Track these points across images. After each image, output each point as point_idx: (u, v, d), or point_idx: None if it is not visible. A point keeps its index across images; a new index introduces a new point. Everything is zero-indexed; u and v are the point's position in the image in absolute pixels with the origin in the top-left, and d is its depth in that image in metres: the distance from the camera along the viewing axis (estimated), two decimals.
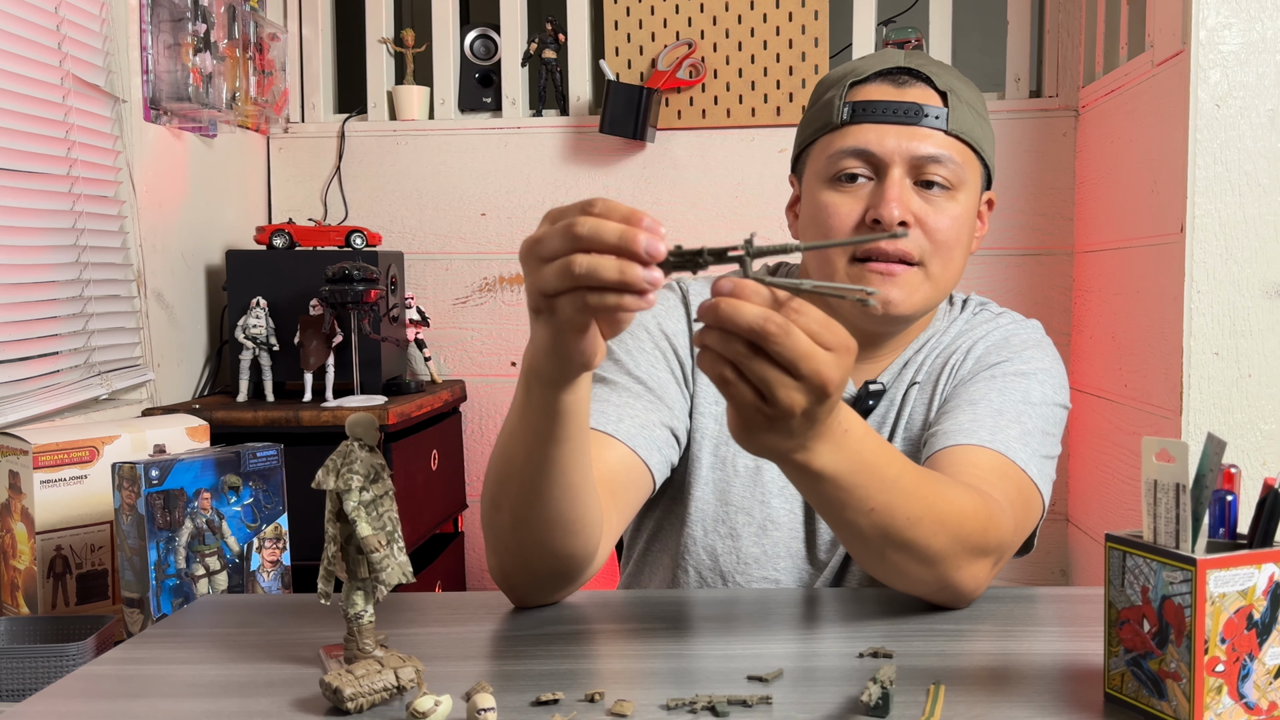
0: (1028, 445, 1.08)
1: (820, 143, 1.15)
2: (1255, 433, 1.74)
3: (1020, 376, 1.13)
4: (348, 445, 0.86)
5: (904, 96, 1.11)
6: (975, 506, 0.95)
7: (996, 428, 1.07)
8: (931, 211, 1.11)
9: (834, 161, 1.12)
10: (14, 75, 1.70)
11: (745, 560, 1.18)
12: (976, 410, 1.09)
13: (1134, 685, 0.78)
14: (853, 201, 1.11)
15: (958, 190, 1.12)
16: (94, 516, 1.34)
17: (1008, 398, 1.10)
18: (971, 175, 1.13)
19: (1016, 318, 1.22)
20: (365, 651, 0.88)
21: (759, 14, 2.48)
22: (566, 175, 2.57)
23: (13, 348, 1.70)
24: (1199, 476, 0.75)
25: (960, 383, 1.15)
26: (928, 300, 1.13)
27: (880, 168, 1.11)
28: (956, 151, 1.11)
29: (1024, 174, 2.45)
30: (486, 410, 2.62)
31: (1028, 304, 2.46)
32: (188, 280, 2.27)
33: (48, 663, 1.07)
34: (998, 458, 1.05)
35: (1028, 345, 1.17)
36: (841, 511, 0.88)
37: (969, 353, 1.17)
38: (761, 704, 0.81)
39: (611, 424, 1.09)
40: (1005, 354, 1.15)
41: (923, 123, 1.10)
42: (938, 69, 1.14)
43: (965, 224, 1.13)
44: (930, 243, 1.11)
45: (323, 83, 2.64)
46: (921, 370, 1.18)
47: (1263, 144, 1.71)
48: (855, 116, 1.11)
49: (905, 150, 1.10)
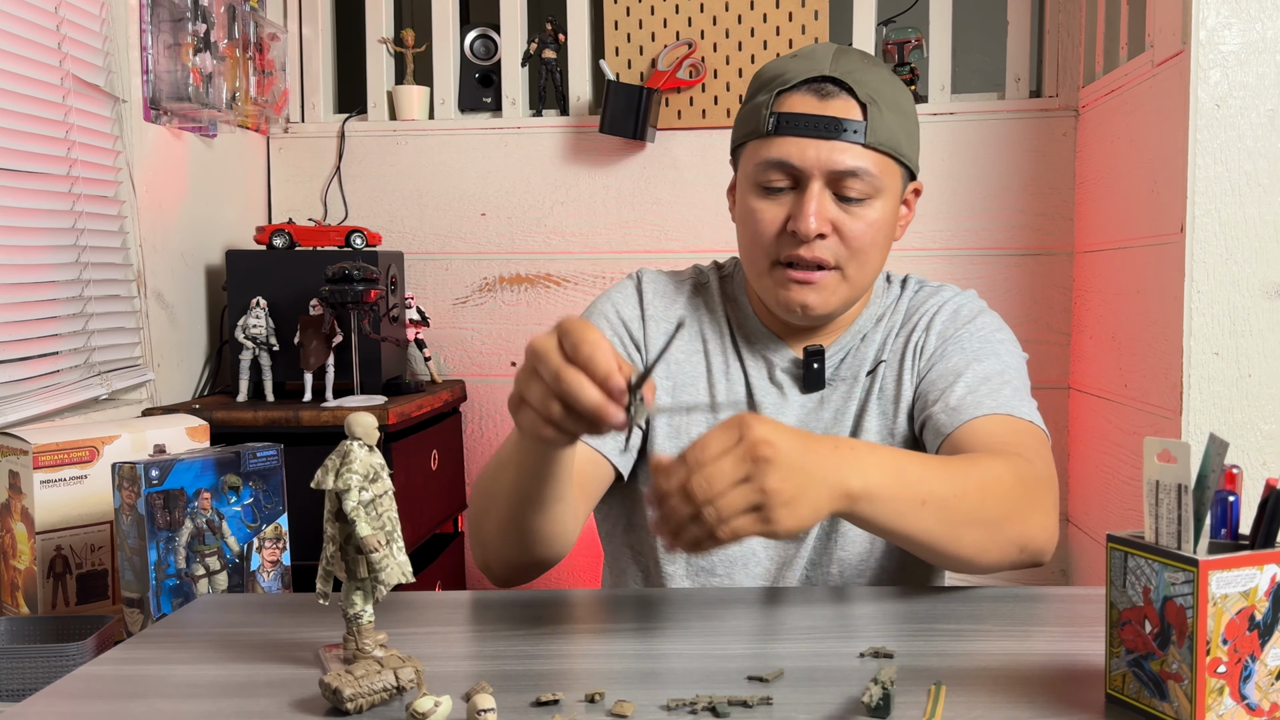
0: (1022, 400, 1.21)
1: (750, 146, 1.25)
2: (1255, 433, 1.73)
3: (985, 342, 1.26)
4: (347, 445, 0.86)
5: (826, 110, 1.20)
6: (1000, 462, 1.07)
7: (992, 393, 1.20)
8: (848, 220, 1.21)
9: (760, 171, 1.22)
10: (14, 75, 1.70)
11: None
12: (967, 382, 1.21)
13: (1135, 686, 0.78)
14: (776, 208, 1.22)
15: (874, 198, 1.22)
16: (94, 516, 1.34)
17: (987, 365, 1.23)
18: (890, 181, 1.23)
19: (955, 289, 1.34)
20: (365, 651, 0.88)
21: (759, 14, 2.48)
22: (566, 175, 2.57)
23: (13, 348, 1.70)
24: (1201, 477, 0.75)
25: (930, 356, 1.27)
26: (846, 300, 1.25)
27: (801, 179, 1.21)
28: (874, 163, 1.20)
29: (1024, 174, 2.45)
30: (486, 410, 2.62)
31: (1028, 304, 2.46)
32: (188, 280, 2.27)
33: (48, 663, 1.06)
34: (1006, 419, 1.17)
35: (976, 314, 1.30)
36: (903, 519, 0.98)
37: (928, 328, 1.29)
38: (761, 704, 0.81)
39: None
40: (960, 324, 1.28)
41: (842, 137, 1.19)
42: (861, 75, 1.21)
43: (882, 228, 1.23)
44: (846, 249, 1.21)
45: (323, 83, 2.64)
46: (886, 348, 1.30)
47: (1263, 144, 1.71)
48: (780, 128, 1.21)
49: (825, 163, 1.19)
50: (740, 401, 1.30)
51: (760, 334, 1.32)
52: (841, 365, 1.30)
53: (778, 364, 1.30)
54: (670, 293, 1.35)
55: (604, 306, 1.33)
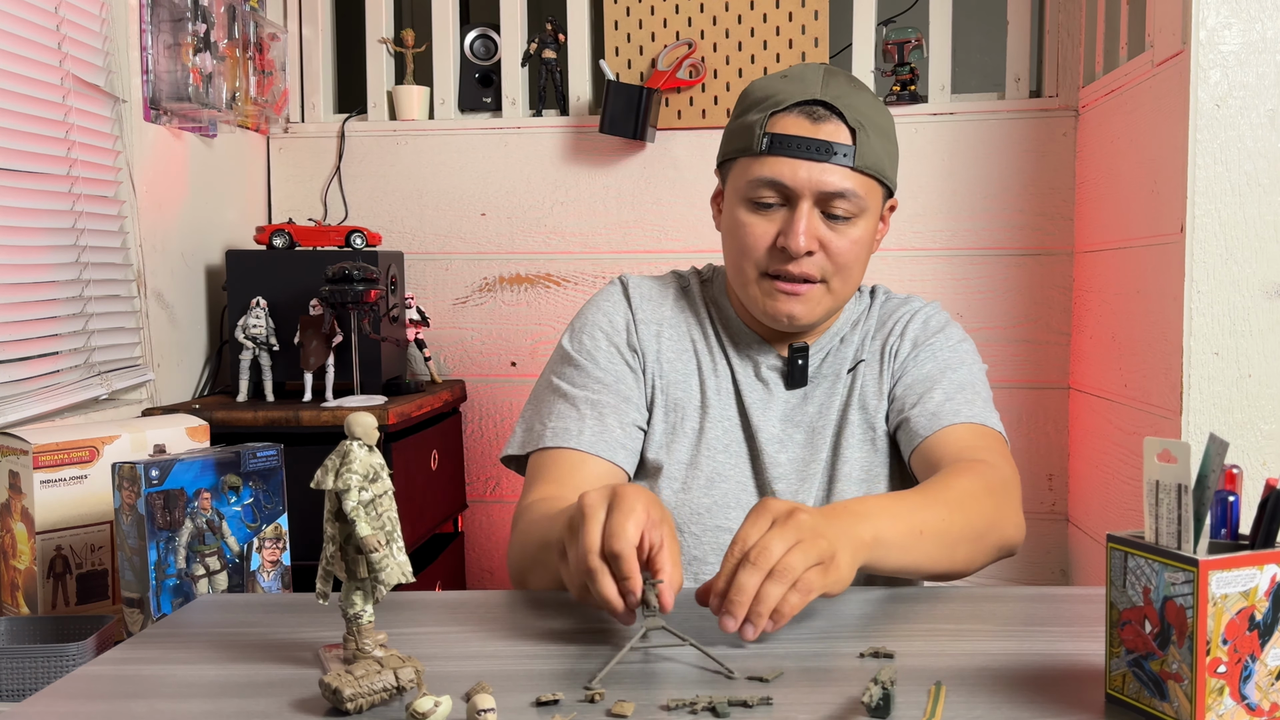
0: (990, 410, 1.34)
1: (741, 162, 1.31)
2: (1255, 433, 1.73)
3: (954, 353, 1.37)
4: (346, 445, 0.86)
5: (817, 133, 1.26)
6: (968, 477, 1.18)
7: (967, 402, 1.31)
8: (834, 237, 1.28)
9: (752, 188, 1.28)
10: (14, 75, 1.70)
11: (697, 510, 1.32)
12: (945, 390, 1.32)
13: (1135, 686, 0.78)
14: (766, 224, 1.29)
15: (859, 217, 1.29)
16: (94, 516, 1.34)
17: (960, 374, 1.34)
18: (873, 201, 1.30)
19: (922, 300, 1.44)
20: (365, 651, 0.88)
21: (759, 14, 2.48)
22: (566, 175, 2.57)
23: (13, 348, 1.70)
24: (1201, 477, 0.75)
25: (904, 360, 1.36)
26: (829, 310, 1.33)
27: (792, 197, 1.27)
28: (860, 184, 1.27)
29: (1024, 174, 2.45)
30: (486, 410, 2.62)
31: (1028, 304, 2.46)
32: (188, 280, 2.27)
33: (48, 663, 1.06)
34: (976, 428, 1.30)
35: (944, 324, 1.40)
36: (908, 554, 1.09)
37: (903, 335, 1.38)
38: (761, 704, 0.81)
39: (587, 442, 1.29)
40: (931, 332, 1.38)
41: (832, 160, 1.26)
42: (851, 99, 1.28)
43: (864, 244, 1.31)
44: (832, 264, 1.29)
45: (323, 83, 2.64)
46: (864, 349, 1.39)
47: (1263, 144, 1.71)
48: (772, 148, 1.27)
49: (815, 184, 1.26)
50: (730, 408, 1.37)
51: (744, 334, 1.39)
52: (823, 364, 1.38)
53: (763, 362, 1.37)
54: (655, 296, 1.42)
55: (596, 317, 1.39)
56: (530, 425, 1.35)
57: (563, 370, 1.36)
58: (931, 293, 2.46)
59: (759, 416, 1.35)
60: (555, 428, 1.31)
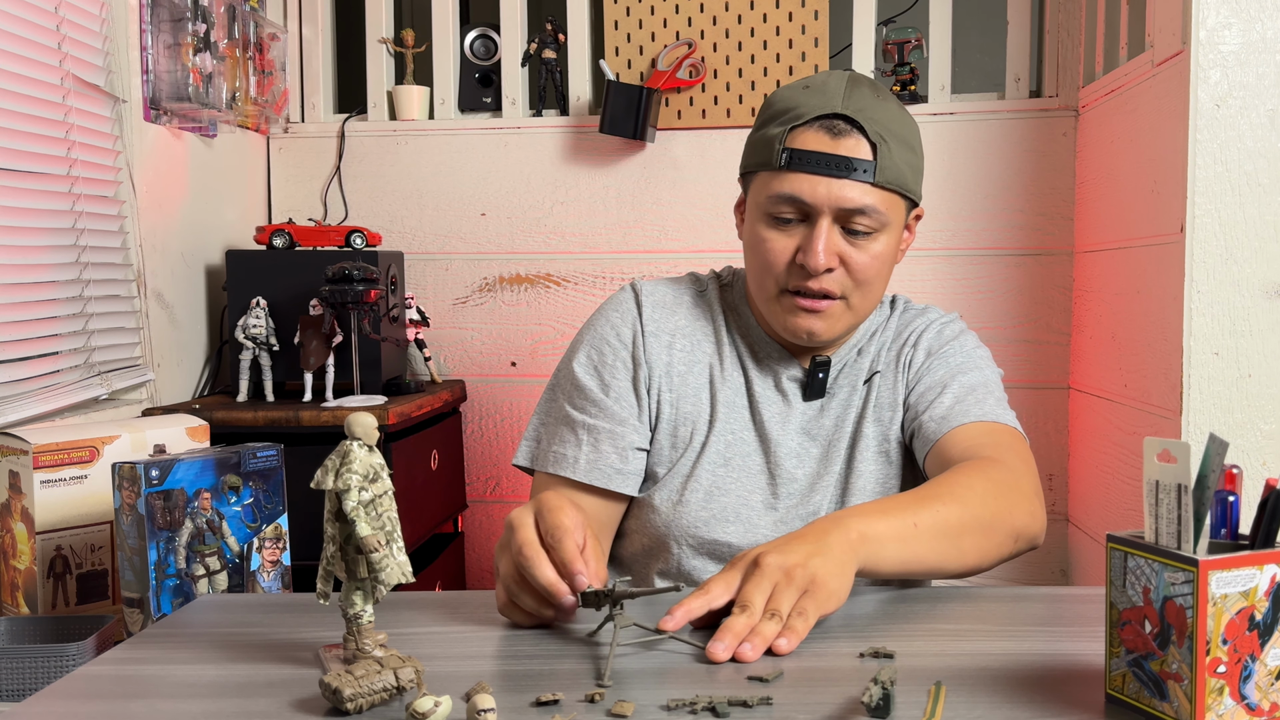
0: (1003, 408, 1.33)
1: (761, 176, 1.29)
2: (1255, 433, 1.73)
3: (968, 358, 1.36)
4: (346, 445, 0.86)
5: (837, 149, 1.24)
6: (966, 471, 1.17)
7: (978, 402, 1.30)
8: (855, 253, 1.26)
9: (771, 203, 1.27)
10: (14, 75, 1.70)
11: (692, 523, 1.31)
12: (955, 393, 1.31)
13: (1135, 686, 0.78)
14: (786, 239, 1.27)
15: (880, 232, 1.27)
16: (94, 516, 1.34)
17: (971, 377, 1.33)
18: (895, 215, 1.28)
19: (939, 310, 1.43)
20: (365, 651, 0.88)
21: (759, 14, 2.48)
22: (566, 175, 2.57)
23: (13, 348, 1.70)
24: (1201, 477, 0.75)
25: (918, 370, 1.35)
26: (849, 325, 1.32)
27: (811, 214, 1.26)
28: (880, 200, 1.25)
29: (1024, 174, 2.45)
30: (486, 410, 2.62)
31: (1028, 304, 2.46)
32: (188, 280, 2.27)
33: (48, 663, 1.07)
34: (989, 425, 1.28)
35: (957, 334, 1.39)
36: (907, 547, 1.07)
37: (917, 345, 1.37)
38: (761, 704, 0.81)
39: (582, 472, 1.31)
40: (945, 341, 1.37)
41: (852, 176, 1.24)
42: (872, 111, 1.26)
43: (886, 259, 1.29)
44: (852, 280, 1.28)
45: (323, 83, 2.64)
46: (880, 359, 1.38)
47: (1263, 144, 1.71)
48: (791, 164, 1.25)
49: (834, 200, 1.24)
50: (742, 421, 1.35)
51: (766, 344, 1.37)
52: (840, 375, 1.37)
53: (784, 374, 1.36)
54: (669, 302, 1.39)
55: (604, 330, 1.37)
56: (537, 439, 1.37)
57: (568, 391, 1.36)
58: (931, 293, 2.46)
59: (777, 429, 1.33)
60: (556, 453, 1.32)
